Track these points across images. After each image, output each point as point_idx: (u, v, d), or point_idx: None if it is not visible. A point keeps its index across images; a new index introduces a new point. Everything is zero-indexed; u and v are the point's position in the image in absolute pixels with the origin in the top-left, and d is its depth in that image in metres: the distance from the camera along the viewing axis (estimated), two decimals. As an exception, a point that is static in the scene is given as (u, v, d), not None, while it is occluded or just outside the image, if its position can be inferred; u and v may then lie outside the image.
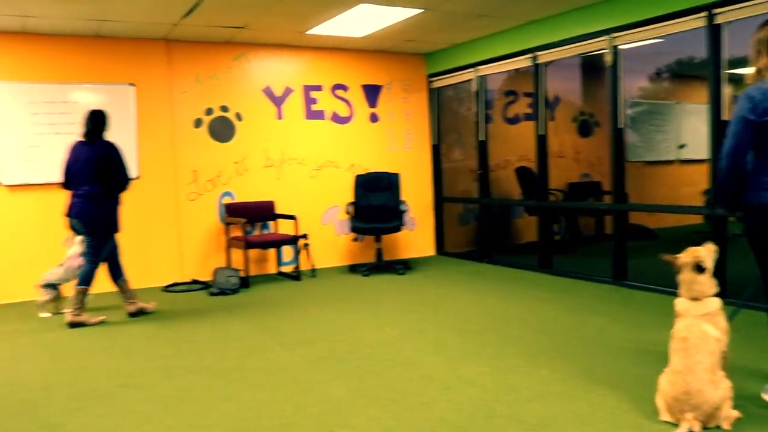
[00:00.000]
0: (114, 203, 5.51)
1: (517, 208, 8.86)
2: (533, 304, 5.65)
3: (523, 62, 7.15)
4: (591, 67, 8.47)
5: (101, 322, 5.49)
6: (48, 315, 5.78)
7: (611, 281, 6.33)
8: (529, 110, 7.68)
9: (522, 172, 8.32)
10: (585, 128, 9.08)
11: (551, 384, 3.59)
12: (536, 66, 7.00)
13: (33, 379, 4.05)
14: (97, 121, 5.46)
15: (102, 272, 5.62)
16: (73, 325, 5.37)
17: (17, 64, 6.62)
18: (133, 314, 5.70)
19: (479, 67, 7.78)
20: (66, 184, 5.55)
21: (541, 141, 7.09)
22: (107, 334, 5.14)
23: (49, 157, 6.71)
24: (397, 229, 7.57)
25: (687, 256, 3.09)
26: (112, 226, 5.53)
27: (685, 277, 3.08)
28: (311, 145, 8.01)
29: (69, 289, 5.75)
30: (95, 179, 5.37)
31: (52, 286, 5.81)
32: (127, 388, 3.82)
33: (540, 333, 4.69)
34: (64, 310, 5.55)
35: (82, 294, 5.42)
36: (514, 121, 8.72)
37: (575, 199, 8.70)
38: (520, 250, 8.50)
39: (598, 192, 8.67)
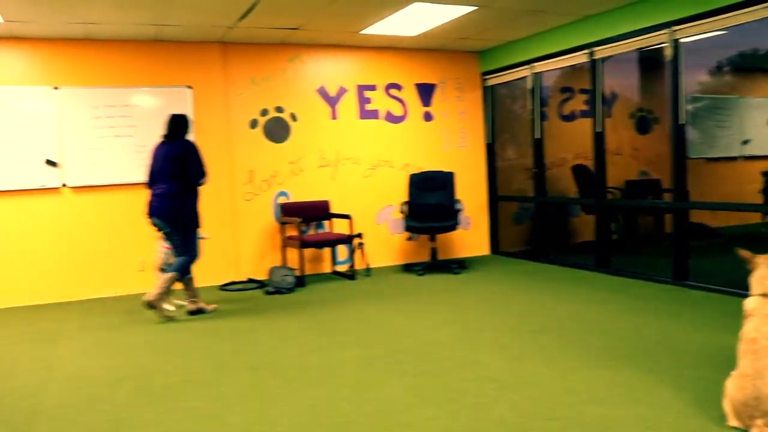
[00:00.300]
0: (192, 199, 5.62)
1: (574, 207, 8.72)
2: (592, 305, 5.55)
3: (580, 58, 7.04)
4: (650, 61, 8.28)
5: (168, 320, 5.62)
6: (174, 307, 5.87)
7: (671, 281, 6.17)
8: (585, 107, 7.55)
9: (578, 170, 8.19)
10: (643, 125, 8.88)
11: (613, 386, 3.52)
12: (593, 62, 6.88)
13: (98, 375, 4.16)
14: (176, 123, 5.66)
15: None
16: (150, 305, 5.51)
17: (80, 70, 6.81)
18: (192, 312, 5.80)
19: (534, 64, 7.69)
20: (149, 184, 5.72)
21: (598, 138, 6.96)
22: (167, 332, 5.24)
23: (110, 159, 6.90)
24: (452, 228, 7.53)
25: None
26: (192, 220, 5.64)
27: (760, 272, 2.99)
28: (365, 144, 8.03)
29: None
30: (172, 177, 5.52)
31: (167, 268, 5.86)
32: (188, 384, 3.89)
33: (600, 334, 4.60)
34: (182, 302, 5.80)
35: (171, 281, 5.56)
36: (569, 118, 8.59)
37: (633, 198, 8.52)
38: (577, 249, 8.37)
39: (657, 190, 8.46)
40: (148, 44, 7.04)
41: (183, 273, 5.65)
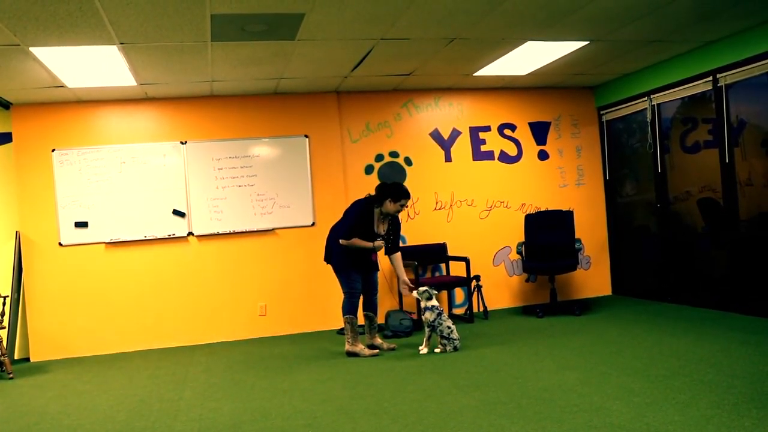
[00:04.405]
0: (341, 247, 5.87)
1: (703, 243, 8.25)
2: (727, 347, 5.19)
3: (702, 86, 6.75)
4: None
5: (374, 355, 5.85)
6: (425, 351, 5.88)
7: (819, 320, 5.70)
8: (709, 137, 7.19)
9: (705, 204, 7.76)
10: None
11: (756, 435, 3.25)
12: (717, 89, 6.57)
13: (222, 417, 4.26)
14: (377, 191, 5.99)
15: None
16: (348, 354, 5.89)
17: (204, 125, 7.20)
18: (371, 346, 6.04)
19: (653, 96, 7.44)
20: None
21: (726, 169, 6.61)
22: (286, 375, 5.32)
23: (233, 208, 7.19)
24: (572, 268, 7.30)
25: None
26: (338, 264, 5.95)
27: None
28: (480, 186, 7.98)
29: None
30: (337, 226, 6.07)
31: (431, 327, 5.83)
32: (308, 428, 3.91)
33: (737, 378, 4.28)
34: (436, 350, 5.84)
35: (350, 323, 5.88)
36: (693, 150, 8.19)
37: (769, 231, 7.97)
38: (708, 288, 7.89)
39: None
40: (268, 97, 7.34)
41: (347, 311, 5.89)
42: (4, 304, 6.16)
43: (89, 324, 6.94)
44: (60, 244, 6.89)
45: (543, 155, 8.23)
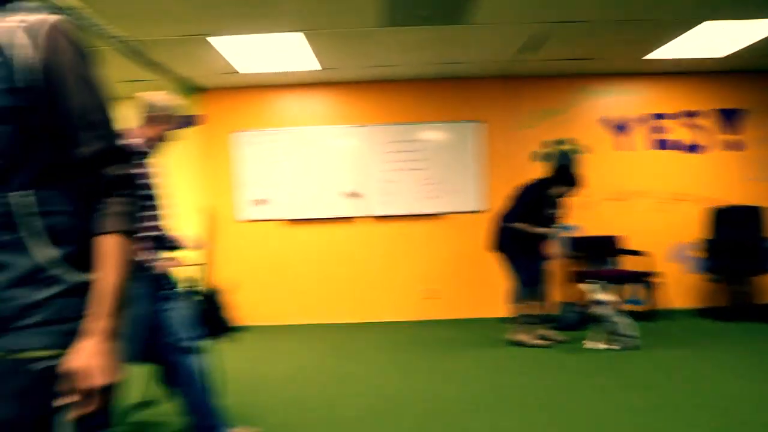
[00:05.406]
0: (512, 231, 5.82)
1: None
2: None
3: None
4: None
5: (540, 346, 5.81)
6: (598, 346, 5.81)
7: None
8: None
9: None
10: None
11: None
12: None
13: (388, 393, 4.37)
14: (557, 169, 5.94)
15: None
16: (516, 343, 5.89)
17: (376, 109, 7.38)
18: (539, 337, 5.97)
19: None
20: None
21: None
22: (452, 361, 5.36)
23: (403, 191, 7.31)
24: (759, 269, 6.74)
25: None
26: (507, 252, 5.87)
27: None
28: (658, 176, 7.55)
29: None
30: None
31: (602, 321, 5.77)
32: (474, 413, 3.93)
33: None
34: (605, 346, 5.70)
35: (518, 312, 5.90)
36: None
37: None
38: None
39: None
40: (439, 81, 7.38)
41: (516, 299, 5.87)
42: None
43: (268, 295, 7.37)
44: (241, 220, 7.35)
45: (730, 145, 7.63)
